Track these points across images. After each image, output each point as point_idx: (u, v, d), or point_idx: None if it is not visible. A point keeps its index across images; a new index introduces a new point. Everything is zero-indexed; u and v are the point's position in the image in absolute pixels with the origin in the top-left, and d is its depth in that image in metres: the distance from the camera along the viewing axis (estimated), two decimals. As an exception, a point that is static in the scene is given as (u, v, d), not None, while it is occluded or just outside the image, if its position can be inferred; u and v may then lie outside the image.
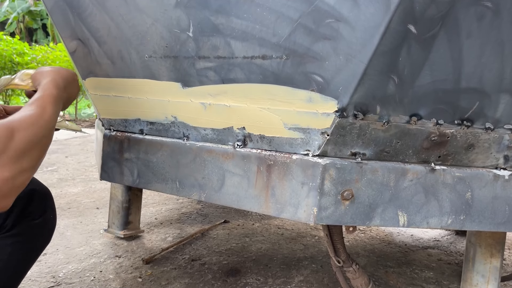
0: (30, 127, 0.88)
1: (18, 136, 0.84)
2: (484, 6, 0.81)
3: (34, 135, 0.88)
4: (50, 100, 1.00)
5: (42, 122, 0.92)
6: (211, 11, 0.95)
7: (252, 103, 1.00)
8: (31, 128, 0.88)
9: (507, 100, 0.96)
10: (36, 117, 0.92)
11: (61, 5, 1.23)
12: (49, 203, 1.18)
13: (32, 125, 0.89)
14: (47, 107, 0.97)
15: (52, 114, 0.98)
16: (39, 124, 0.91)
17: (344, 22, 0.81)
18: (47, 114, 0.95)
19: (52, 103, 0.99)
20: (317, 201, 0.94)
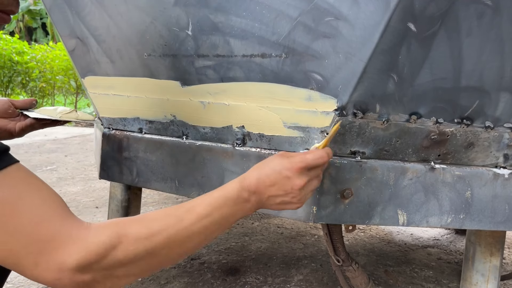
0: (146, 237, 0.68)
1: (124, 246, 0.66)
2: (484, 4, 0.81)
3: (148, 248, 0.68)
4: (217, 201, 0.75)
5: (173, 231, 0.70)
6: (210, 9, 0.94)
7: (252, 102, 1.00)
8: (148, 238, 0.68)
9: (507, 99, 0.95)
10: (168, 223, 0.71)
11: (60, 4, 1.22)
12: None
13: (152, 235, 0.68)
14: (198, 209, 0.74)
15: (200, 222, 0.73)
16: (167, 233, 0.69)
17: (343, 20, 0.81)
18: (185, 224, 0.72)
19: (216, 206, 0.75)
20: (317, 199, 0.93)
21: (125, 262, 0.66)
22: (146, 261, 0.69)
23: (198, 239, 0.73)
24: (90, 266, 0.63)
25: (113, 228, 0.66)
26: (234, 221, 0.78)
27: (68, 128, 6.82)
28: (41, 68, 8.11)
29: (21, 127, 1.19)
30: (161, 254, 0.69)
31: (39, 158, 4.06)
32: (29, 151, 4.39)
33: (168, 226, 0.70)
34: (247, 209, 0.78)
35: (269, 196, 0.78)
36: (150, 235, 0.68)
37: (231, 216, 0.77)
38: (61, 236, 0.62)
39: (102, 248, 0.64)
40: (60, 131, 6.23)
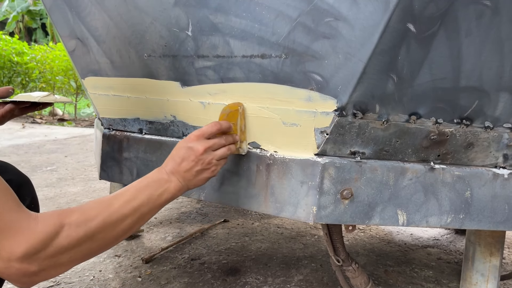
0: (84, 222, 0.75)
1: (66, 232, 0.72)
2: (483, 5, 0.81)
3: (88, 233, 0.75)
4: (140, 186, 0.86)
5: (106, 215, 0.79)
6: (210, 10, 0.95)
7: (251, 102, 1.00)
8: (86, 223, 0.75)
9: (506, 99, 0.95)
10: (101, 208, 0.79)
11: (60, 4, 1.23)
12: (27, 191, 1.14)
13: (89, 220, 0.76)
14: (125, 194, 0.83)
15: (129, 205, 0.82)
16: (101, 218, 0.78)
17: (343, 20, 0.81)
18: (116, 207, 0.81)
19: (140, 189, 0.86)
20: (317, 200, 0.94)
21: (68, 247, 0.72)
22: (87, 245, 0.76)
23: (130, 220, 0.82)
24: (36, 255, 0.68)
25: (56, 217, 0.72)
26: (163, 201, 0.89)
27: (68, 129, 6.82)
28: (41, 69, 8.10)
29: (1, 114, 1.20)
30: (99, 237, 0.77)
31: (39, 158, 4.06)
32: (29, 152, 4.39)
33: (101, 211, 0.78)
34: (171, 188, 0.90)
35: (184, 172, 0.91)
36: (87, 220, 0.76)
37: (157, 196, 0.87)
38: (10, 226, 0.67)
39: (48, 236, 0.69)
40: (60, 132, 6.23)
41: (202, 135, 0.93)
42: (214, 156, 0.93)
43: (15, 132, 5.73)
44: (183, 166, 0.91)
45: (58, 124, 7.61)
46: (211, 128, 0.94)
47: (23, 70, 8.08)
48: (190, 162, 0.92)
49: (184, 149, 0.92)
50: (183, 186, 0.92)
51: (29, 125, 6.91)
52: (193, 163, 0.92)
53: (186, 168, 0.91)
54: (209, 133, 0.94)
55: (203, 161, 0.92)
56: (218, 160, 0.94)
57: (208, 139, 0.94)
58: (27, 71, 8.11)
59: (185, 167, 0.91)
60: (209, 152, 0.93)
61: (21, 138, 5.26)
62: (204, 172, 0.94)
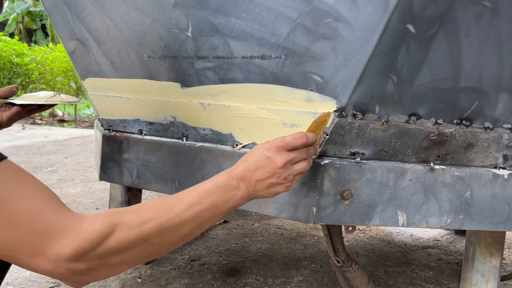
0: (138, 224, 0.70)
1: (118, 234, 0.68)
2: (482, 6, 0.81)
3: (140, 236, 0.70)
4: (206, 190, 0.79)
5: (164, 219, 0.73)
6: (210, 11, 0.95)
7: (251, 103, 1.00)
8: (140, 225, 0.70)
9: (506, 99, 0.96)
10: (159, 211, 0.74)
11: (60, 6, 1.23)
12: None
13: (144, 222, 0.71)
14: (188, 198, 0.77)
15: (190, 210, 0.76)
16: (158, 221, 0.72)
17: (342, 21, 0.81)
18: (176, 212, 0.74)
19: (205, 194, 0.79)
20: (317, 200, 0.94)
21: (119, 250, 0.68)
22: (139, 248, 0.71)
23: (189, 226, 0.76)
24: (85, 255, 0.65)
25: (106, 218, 0.68)
26: (226, 209, 0.81)
27: (68, 130, 6.82)
28: (41, 70, 8.11)
29: (8, 117, 1.20)
30: (154, 241, 0.72)
31: (39, 159, 4.06)
32: (29, 153, 4.39)
33: (159, 214, 0.72)
34: (238, 196, 0.82)
35: (256, 181, 0.83)
36: (142, 223, 0.70)
37: (222, 203, 0.80)
38: (55, 227, 0.64)
39: (96, 237, 0.66)
40: (60, 133, 6.24)
41: (284, 147, 0.83)
42: (292, 172, 0.85)
43: (15, 133, 5.73)
44: (256, 175, 0.83)
45: (58, 125, 7.61)
46: (295, 141, 0.84)
47: (23, 71, 8.08)
48: (266, 173, 0.83)
49: (261, 157, 0.83)
50: (251, 195, 0.84)
51: (29, 126, 6.92)
52: (268, 175, 0.83)
53: (259, 178, 0.83)
54: (293, 146, 0.84)
55: (279, 175, 0.84)
56: (294, 176, 0.85)
57: (290, 151, 0.84)
58: (27, 72, 8.11)
59: (258, 177, 0.83)
60: (288, 166, 0.84)
61: (21, 139, 5.26)
62: (277, 186, 0.85)
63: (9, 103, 1.20)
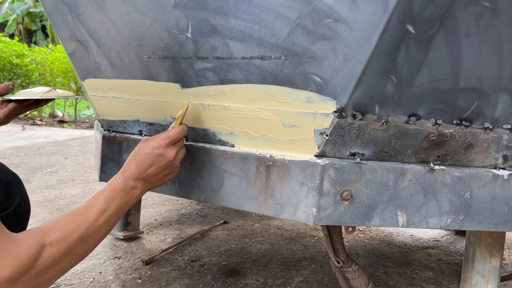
0: (65, 239, 0.77)
1: (48, 252, 0.74)
2: (482, 6, 0.81)
3: (68, 249, 0.78)
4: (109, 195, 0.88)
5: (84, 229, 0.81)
6: (209, 12, 0.95)
7: (251, 104, 1.00)
8: (66, 240, 0.77)
9: (505, 100, 0.96)
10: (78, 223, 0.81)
11: (60, 6, 1.23)
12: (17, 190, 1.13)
13: (68, 236, 0.78)
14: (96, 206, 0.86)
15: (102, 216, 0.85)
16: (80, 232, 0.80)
17: (342, 22, 0.81)
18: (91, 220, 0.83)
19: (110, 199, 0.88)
20: (316, 201, 0.94)
21: (51, 266, 0.75)
22: (67, 260, 0.78)
23: (104, 230, 0.87)
24: (22, 277, 0.70)
25: (37, 238, 0.74)
26: (129, 207, 0.93)
27: (68, 130, 6.82)
28: (40, 71, 8.11)
29: (5, 113, 1.21)
30: (78, 251, 0.81)
31: (39, 160, 4.06)
32: (29, 153, 4.39)
33: (79, 226, 0.81)
34: (137, 194, 0.94)
35: (151, 176, 0.95)
36: (67, 237, 0.78)
37: (125, 204, 0.91)
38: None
39: (31, 259, 0.71)
40: (60, 133, 6.24)
41: (171, 141, 0.97)
42: (179, 159, 1.00)
43: (15, 134, 5.73)
44: (150, 171, 0.95)
45: (58, 126, 7.61)
46: (179, 135, 0.99)
47: (23, 72, 8.08)
48: (159, 167, 0.95)
49: (153, 155, 0.95)
50: (147, 189, 0.97)
51: (29, 126, 6.92)
52: (162, 168, 0.96)
53: (154, 173, 0.95)
54: (178, 139, 0.99)
55: (172, 165, 0.97)
56: (179, 162, 1.01)
57: (174, 143, 0.99)
58: (27, 73, 8.11)
59: (152, 172, 0.95)
60: (177, 156, 0.98)
61: (21, 140, 5.26)
62: (170, 174, 0.99)
63: (5, 100, 1.20)
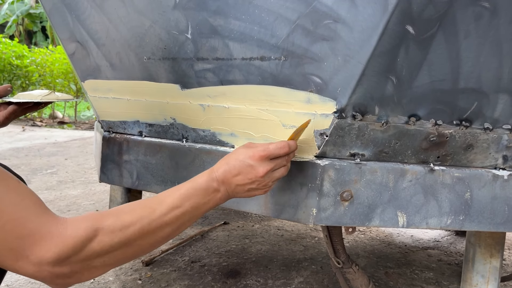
0: (120, 228, 0.72)
1: (100, 238, 0.70)
2: (481, 7, 0.81)
3: (123, 239, 0.72)
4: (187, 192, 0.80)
5: (146, 222, 0.74)
6: (209, 13, 0.95)
7: (251, 104, 1.00)
8: (122, 229, 0.72)
9: (505, 100, 0.96)
10: (140, 215, 0.74)
11: (60, 8, 1.23)
12: None
13: (125, 226, 0.72)
14: (169, 200, 0.78)
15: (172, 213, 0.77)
16: (140, 225, 0.74)
17: (342, 23, 0.81)
18: (157, 215, 0.76)
19: (186, 197, 0.80)
20: (316, 202, 0.94)
21: (101, 253, 0.70)
22: (121, 251, 0.73)
23: (170, 228, 0.78)
24: (67, 259, 0.67)
25: (89, 222, 0.70)
26: (205, 211, 0.84)
27: (68, 131, 6.82)
28: (40, 72, 8.11)
29: (5, 116, 1.21)
30: (135, 244, 0.74)
31: (39, 161, 4.06)
32: (29, 154, 4.39)
33: (141, 218, 0.74)
34: (217, 198, 0.85)
35: (236, 185, 0.85)
36: (124, 227, 0.72)
37: (202, 205, 0.82)
38: (39, 232, 0.66)
39: (79, 242, 0.68)
40: (60, 134, 6.24)
41: (267, 157, 0.85)
42: (272, 179, 0.88)
43: (15, 135, 5.74)
44: (237, 180, 0.86)
45: (58, 127, 7.61)
46: (278, 151, 0.87)
47: (23, 73, 8.09)
48: (247, 179, 0.86)
49: (244, 163, 0.85)
50: (229, 197, 0.88)
51: (29, 128, 6.92)
52: (249, 181, 0.86)
53: (240, 182, 0.86)
54: (275, 155, 0.87)
55: (259, 182, 0.87)
56: (273, 181, 0.89)
57: (271, 159, 0.87)
58: (27, 74, 8.11)
59: (239, 181, 0.86)
60: (269, 174, 0.87)
61: (21, 141, 5.26)
62: (256, 191, 0.88)
63: (4, 102, 1.20)
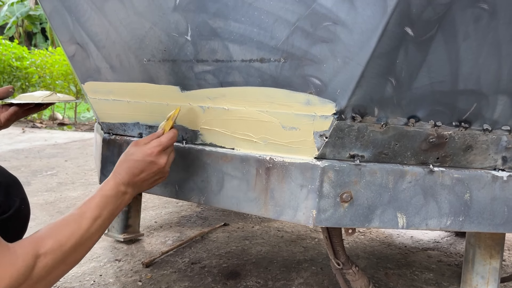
0: (59, 248, 0.78)
1: (43, 262, 0.75)
2: (480, 8, 0.82)
3: (62, 257, 0.79)
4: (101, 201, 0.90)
5: (78, 237, 0.82)
6: (209, 15, 0.95)
7: (251, 106, 1.00)
8: (60, 249, 0.78)
9: (504, 101, 0.96)
10: (72, 231, 0.82)
11: (60, 10, 1.23)
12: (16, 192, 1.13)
13: (62, 245, 0.79)
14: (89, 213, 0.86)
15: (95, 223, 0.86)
16: (73, 240, 0.81)
17: (341, 25, 0.82)
18: (84, 228, 0.84)
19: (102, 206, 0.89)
20: (316, 203, 0.94)
21: (45, 275, 0.76)
22: (61, 268, 0.80)
23: (97, 236, 0.89)
24: (20, 286, 0.71)
25: (32, 248, 0.75)
26: (119, 212, 0.96)
27: (69, 133, 6.82)
28: (40, 73, 8.11)
29: (6, 117, 1.21)
30: (72, 258, 0.82)
31: (39, 163, 4.06)
32: (29, 156, 4.39)
33: (72, 234, 0.82)
34: (126, 199, 0.96)
35: (142, 182, 0.97)
36: (61, 246, 0.79)
37: (115, 210, 0.93)
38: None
39: (27, 269, 0.72)
40: (60, 136, 6.24)
41: (163, 148, 0.98)
42: (169, 164, 1.01)
43: (15, 137, 5.74)
44: (142, 177, 0.96)
45: (58, 128, 7.61)
46: (171, 141, 1.00)
47: (23, 74, 8.09)
48: (151, 173, 0.97)
49: (144, 162, 0.96)
50: (136, 193, 0.99)
51: (29, 129, 6.92)
52: (153, 174, 0.97)
53: (144, 178, 0.97)
54: (169, 145, 1.00)
55: (162, 171, 0.99)
56: (169, 166, 1.02)
57: (166, 149, 0.99)
58: (26, 75, 8.12)
59: (143, 178, 0.97)
60: (167, 162, 1.00)
61: (21, 142, 5.26)
62: (160, 179, 1.01)
63: (6, 104, 1.20)
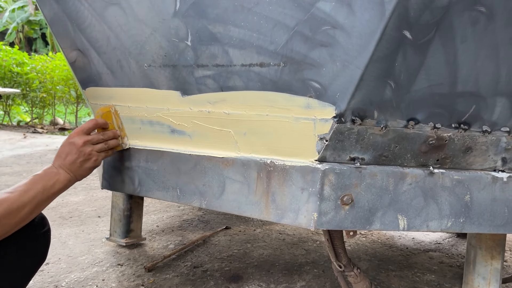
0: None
1: None
2: (477, 11, 0.82)
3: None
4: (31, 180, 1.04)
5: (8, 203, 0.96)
6: (209, 20, 0.96)
7: (251, 110, 1.01)
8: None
9: (503, 103, 0.96)
10: (3, 199, 0.95)
11: (61, 17, 1.24)
12: (46, 217, 1.21)
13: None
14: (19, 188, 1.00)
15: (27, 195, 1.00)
16: (5, 206, 0.95)
17: (340, 29, 0.82)
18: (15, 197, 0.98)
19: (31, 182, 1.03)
20: (317, 206, 0.94)
21: None
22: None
23: (29, 207, 0.99)
24: None
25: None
26: (56, 191, 1.07)
27: (69, 138, 6.83)
28: (41, 79, 8.13)
29: None
30: (5, 221, 0.94)
31: (41, 168, 4.07)
32: (30, 161, 4.40)
33: (4, 200, 0.95)
34: (62, 179, 1.08)
35: (70, 164, 1.10)
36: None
37: (50, 187, 1.05)
38: None
39: None
40: (61, 141, 6.24)
41: (81, 131, 1.13)
42: (94, 148, 1.13)
43: (17, 142, 5.75)
44: (68, 160, 1.10)
45: (59, 133, 7.62)
46: (88, 124, 1.16)
47: (24, 80, 8.11)
48: (73, 154, 1.10)
49: (66, 145, 1.11)
50: (72, 177, 1.11)
51: (30, 135, 6.93)
52: (76, 156, 1.10)
53: (71, 161, 1.10)
54: (87, 128, 1.15)
55: (84, 152, 1.11)
56: (98, 152, 1.15)
57: (88, 134, 1.14)
58: (27, 81, 8.13)
59: (70, 160, 1.10)
60: (89, 145, 1.12)
61: (23, 148, 5.27)
62: (86, 162, 1.12)
63: None
